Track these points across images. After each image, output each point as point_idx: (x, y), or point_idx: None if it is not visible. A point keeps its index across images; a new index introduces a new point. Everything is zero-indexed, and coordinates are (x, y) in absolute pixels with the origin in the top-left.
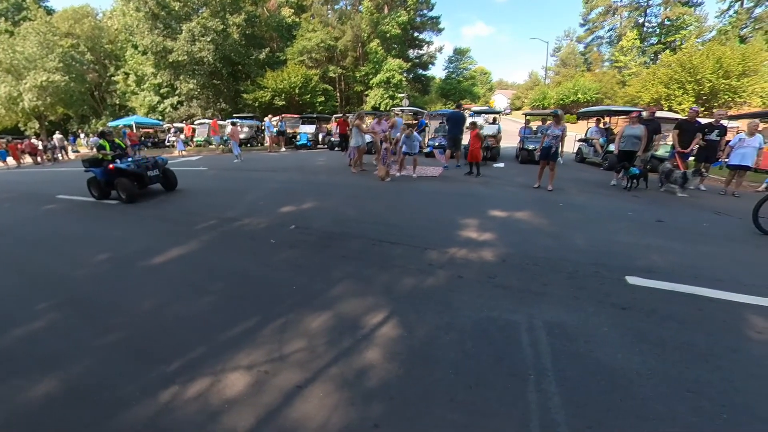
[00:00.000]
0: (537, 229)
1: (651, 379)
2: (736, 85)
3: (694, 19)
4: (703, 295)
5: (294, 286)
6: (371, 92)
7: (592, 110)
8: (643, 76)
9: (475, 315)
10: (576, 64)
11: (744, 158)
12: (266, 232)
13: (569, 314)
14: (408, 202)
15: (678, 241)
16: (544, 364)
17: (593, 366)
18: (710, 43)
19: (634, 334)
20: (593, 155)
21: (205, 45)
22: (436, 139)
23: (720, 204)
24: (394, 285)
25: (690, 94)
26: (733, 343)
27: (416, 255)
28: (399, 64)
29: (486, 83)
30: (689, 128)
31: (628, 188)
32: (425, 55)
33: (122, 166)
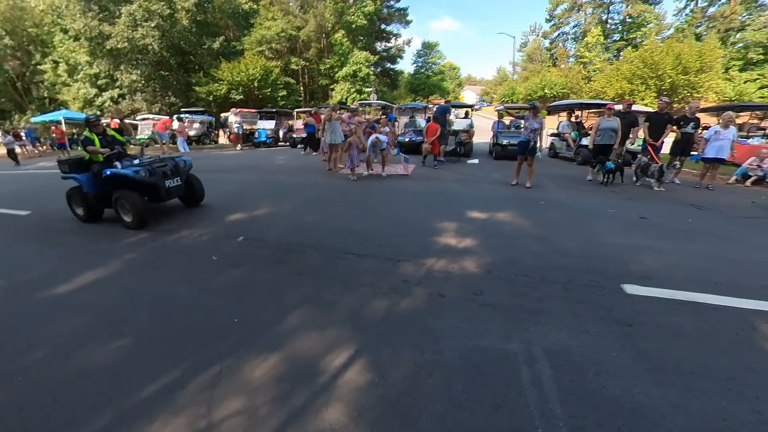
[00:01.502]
0: (521, 232)
1: (675, 418)
2: (694, 81)
3: (653, 17)
4: (705, 302)
5: (236, 318)
6: (337, 86)
7: (562, 104)
8: (608, 71)
9: (463, 346)
10: (542, 60)
11: (719, 151)
12: (208, 246)
13: (572, 338)
14: (377, 204)
15: (666, 240)
16: (552, 409)
17: (610, 407)
18: (669, 40)
19: (647, 358)
20: (566, 150)
21: (149, 31)
22: (407, 134)
23: (697, 197)
24: (361, 310)
25: (652, 89)
26: (752, 362)
27: (388, 269)
28: (366, 56)
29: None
30: (659, 120)
31: (605, 183)
32: (393, 48)
33: (126, 172)
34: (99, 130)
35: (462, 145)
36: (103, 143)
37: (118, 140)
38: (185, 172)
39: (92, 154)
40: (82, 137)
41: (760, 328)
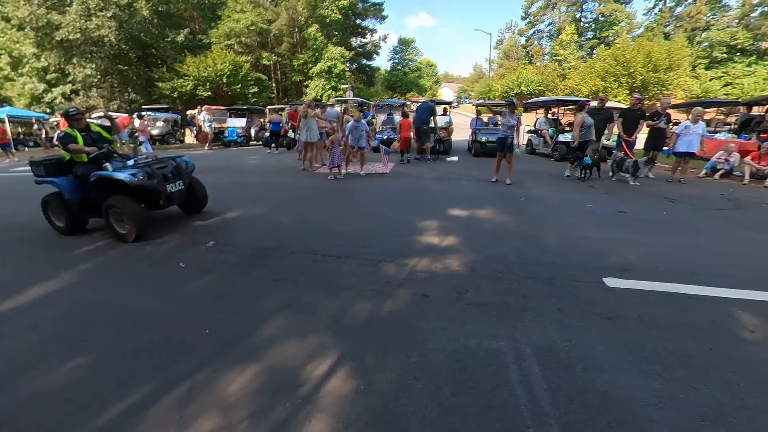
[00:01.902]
0: (503, 229)
1: (662, 410)
2: (664, 78)
3: (624, 16)
4: (682, 292)
5: (207, 329)
6: (311, 83)
7: (539, 101)
8: (582, 69)
9: (449, 347)
10: (518, 57)
11: (690, 145)
12: (175, 252)
13: (558, 333)
14: (356, 204)
15: (643, 233)
16: (543, 408)
17: (599, 401)
18: (640, 39)
19: (630, 350)
20: (543, 146)
21: (105, 21)
22: (384, 132)
23: (670, 191)
24: (344, 315)
25: (624, 86)
26: (729, 349)
27: (370, 271)
28: (341, 52)
29: (432, 76)
30: (632, 116)
31: (583, 179)
32: (369, 44)
33: (119, 175)
34: (81, 126)
35: (441, 143)
36: (87, 141)
37: (105, 137)
38: (188, 174)
39: (74, 154)
40: (62, 134)
41: (735, 316)
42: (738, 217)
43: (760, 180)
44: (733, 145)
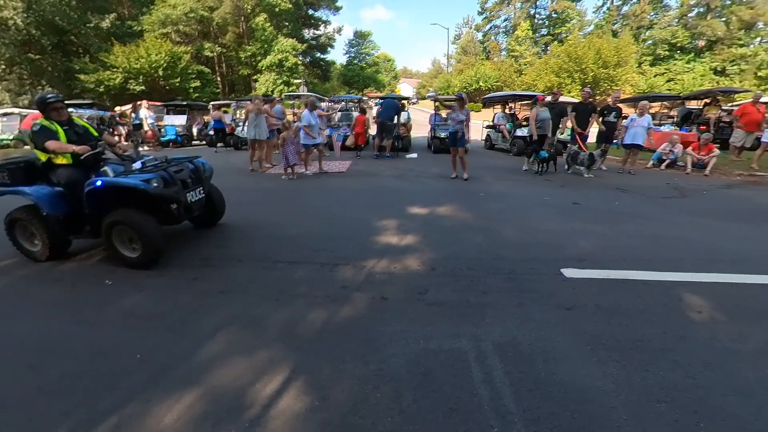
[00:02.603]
0: (463, 225)
1: (620, 396)
2: (613, 74)
3: (576, 13)
4: (636, 279)
5: (138, 354)
6: (261, 77)
7: (496, 96)
8: (537, 65)
9: (410, 351)
10: (476, 53)
11: (636, 137)
12: (99, 268)
13: (519, 328)
14: (311, 205)
15: (598, 223)
16: (506, 405)
17: (560, 393)
18: (590, 36)
19: (589, 339)
20: (501, 141)
21: (9, 1)
22: (341, 128)
23: (621, 182)
24: (296, 325)
25: (577, 82)
26: (680, 330)
27: (325, 276)
28: (293, 44)
29: (390, 71)
30: (584, 110)
31: (540, 172)
32: (323, 36)
33: (132, 182)
34: (63, 118)
35: (400, 139)
36: (70, 137)
37: (92, 134)
38: (208, 179)
39: (56, 154)
40: (36, 128)
41: (683, 298)
42: (683, 204)
43: (701, 169)
44: (677, 137)
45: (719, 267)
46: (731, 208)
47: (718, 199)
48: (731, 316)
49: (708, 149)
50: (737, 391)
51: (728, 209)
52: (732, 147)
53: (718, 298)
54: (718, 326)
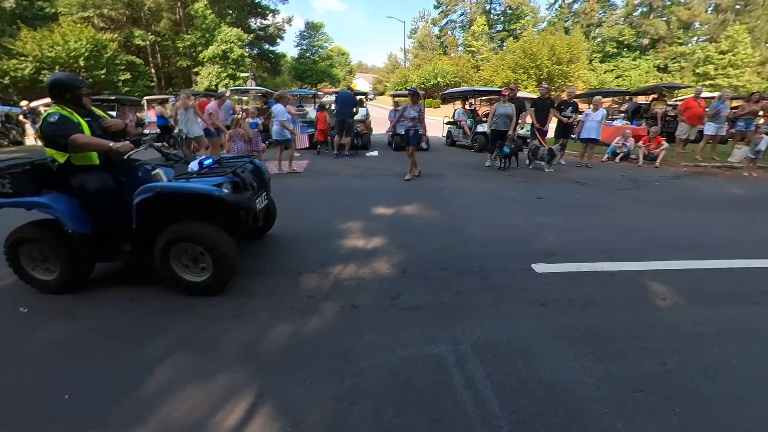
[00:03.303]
0: (430, 224)
1: (599, 389)
2: (566, 71)
3: (530, 10)
4: (603, 270)
5: (67, 393)
6: (203, 69)
7: (456, 92)
8: (494, 61)
9: (387, 361)
10: (433, 47)
11: (591, 131)
12: (10, 293)
13: (496, 327)
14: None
15: (562, 216)
16: (491, 409)
17: (542, 391)
18: (544, 32)
19: (564, 334)
20: (463, 138)
21: None
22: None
23: (580, 175)
24: (258, 344)
25: (533, 78)
26: (649, 318)
27: (288, 285)
28: (238, 34)
29: (345, 65)
30: (543, 105)
31: (502, 168)
32: (271, 26)
33: (203, 188)
34: (86, 106)
35: (359, 137)
36: (95, 131)
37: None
38: (269, 182)
39: (80, 152)
40: (53, 118)
41: (648, 287)
42: (638, 195)
43: (652, 161)
44: (629, 131)
45: (676, 254)
46: (681, 197)
47: (669, 189)
48: (693, 301)
49: (657, 142)
50: (706, 373)
51: (679, 198)
52: (678, 140)
53: (679, 284)
54: (681, 311)
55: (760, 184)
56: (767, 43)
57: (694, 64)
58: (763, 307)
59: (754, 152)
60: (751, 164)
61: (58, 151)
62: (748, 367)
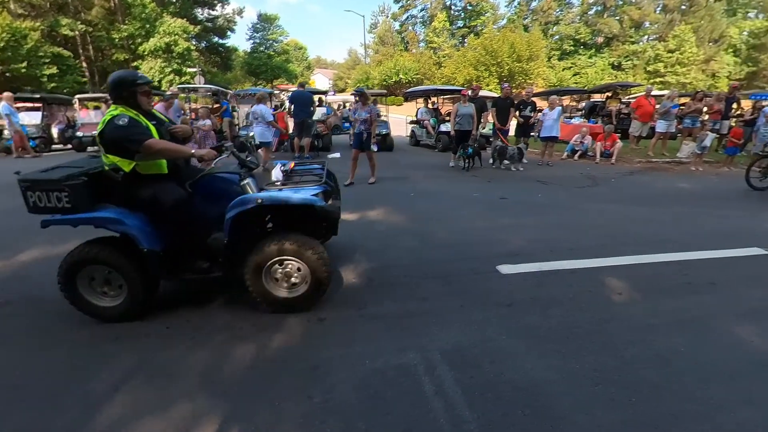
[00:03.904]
0: (395, 229)
1: (562, 385)
2: (527, 68)
3: (490, 6)
4: (564, 268)
5: None
6: (143, 63)
7: (418, 90)
8: (456, 58)
9: (356, 374)
10: (394, 43)
11: (549, 130)
12: None
13: (462, 332)
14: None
15: (524, 216)
16: (460, 414)
17: (510, 392)
18: (504, 30)
19: (529, 333)
20: (426, 137)
21: None
22: (250, 127)
23: (542, 174)
24: (220, 366)
25: (494, 75)
26: (606, 313)
27: (249, 302)
28: (182, 25)
29: (303, 60)
30: (504, 105)
31: (466, 168)
32: (220, 18)
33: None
34: (149, 107)
35: (320, 138)
36: (162, 135)
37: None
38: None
39: (151, 159)
40: (121, 120)
41: (606, 283)
42: (596, 192)
43: (608, 158)
44: (586, 129)
45: (631, 249)
46: (636, 193)
47: (624, 185)
48: (645, 294)
49: (612, 139)
50: (656, 362)
51: (633, 194)
52: (631, 137)
53: (633, 279)
54: (635, 305)
55: (706, 178)
56: (710, 43)
57: (646, 62)
58: (706, 297)
59: (700, 148)
60: (697, 159)
61: (123, 158)
62: (693, 355)
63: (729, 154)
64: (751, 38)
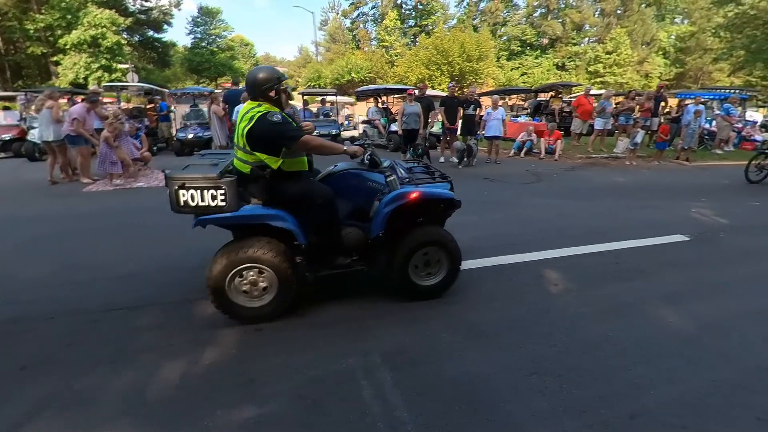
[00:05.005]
0: None
1: (500, 377)
2: (477, 68)
3: (440, 6)
4: (506, 263)
5: None
6: (65, 59)
7: (369, 89)
8: (408, 57)
9: (293, 384)
10: (345, 41)
11: (494, 129)
12: None
13: (405, 332)
14: (154, 229)
15: (471, 214)
16: (398, 416)
17: (449, 389)
18: (454, 29)
19: (471, 329)
20: (378, 137)
21: None
22: (189, 129)
23: (489, 172)
24: (146, 388)
25: (446, 75)
26: (544, 305)
27: (180, 316)
28: (111, 17)
29: (249, 57)
30: (452, 104)
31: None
32: (155, 10)
33: (447, 193)
34: (286, 106)
35: None
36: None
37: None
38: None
39: (299, 156)
40: (275, 117)
41: (544, 275)
42: (539, 188)
43: (551, 154)
44: (531, 128)
45: (569, 242)
46: (576, 187)
47: (566, 180)
48: (579, 284)
49: (556, 136)
50: (588, 349)
51: (574, 189)
52: (573, 134)
53: (569, 270)
54: (570, 295)
55: (639, 171)
56: (643, 45)
57: (587, 63)
58: (635, 283)
59: (633, 144)
60: (631, 154)
61: (269, 155)
62: (621, 339)
63: (659, 149)
64: (678, 42)
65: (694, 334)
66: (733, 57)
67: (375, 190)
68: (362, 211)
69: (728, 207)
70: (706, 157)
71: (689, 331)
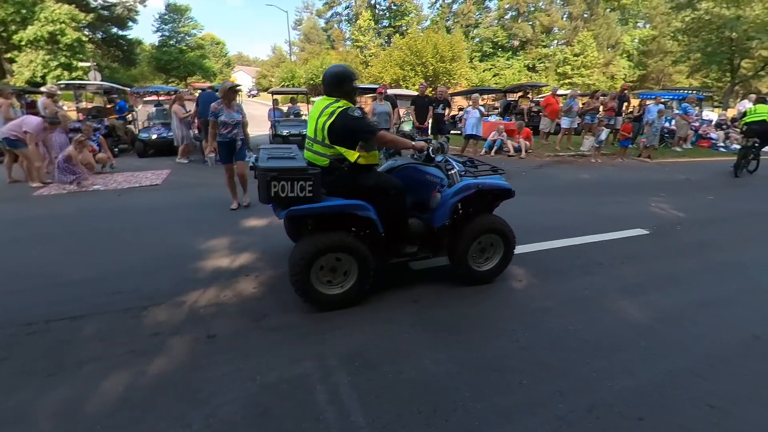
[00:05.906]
0: None
1: (461, 375)
2: (450, 68)
3: (413, 7)
4: None
5: None
6: (21, 56)
7: None
8: (382, 57)
9: (244, 392)
10: (320, 41)
11: (472, 128)
12: None
13: (365, 333)
14: (107, 235)
15: None
16: (354, 420)
17: (407, 391)
18: (427, 30)
19: (432, 329)
20: None
21: None
22: (153, 129)
23: None
24: (85, 403)
25: (420, 75)
26: (507, 300)
27: (127, 325)
28: (70, 12)
29: (221, 56)
30: (422, 103)
31: None
32: (119, 6)
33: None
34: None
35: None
36: None
37: None
38: None
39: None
40: (356, 112)
41: (508, 270)
42: None
43: (519, 152)
44: (502, 127)
45: (534, 238)
46: (544, 184)
47: (534, 178)
48: (543, 279)
49: (525, 134)
50: (548, 343)
51: (542, 186)
52: (541, 133)
53: (533, 265)
54: (533, 290)
55: (603, 168)
56: (608, 48)
57: (556, 65)
58: (595, 277)
59: (598, 142)
60: (596, 152)
61: (348, 149)
62: (581, 332)
63: (623, 146)
64: (641, 45)
65: (649, 325)
66: (691, 60)
67: (433, 183)
68: (420, 203)
69: (685, 201)
70: (666, 154)
71: (645, 322)
